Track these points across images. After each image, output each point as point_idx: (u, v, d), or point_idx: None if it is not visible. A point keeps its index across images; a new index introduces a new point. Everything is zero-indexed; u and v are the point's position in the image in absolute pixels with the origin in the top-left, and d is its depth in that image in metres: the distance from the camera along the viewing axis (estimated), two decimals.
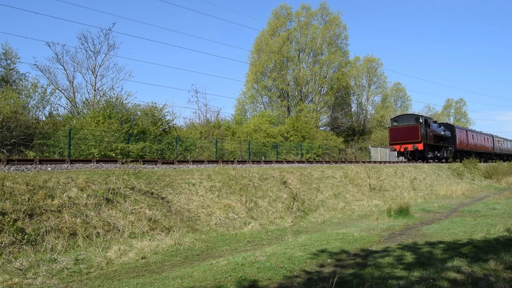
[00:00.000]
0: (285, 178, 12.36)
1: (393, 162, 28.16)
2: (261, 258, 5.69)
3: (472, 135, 37.08)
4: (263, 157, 22.11)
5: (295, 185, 12.30)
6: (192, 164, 12.10)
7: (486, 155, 41.07)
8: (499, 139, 46.20)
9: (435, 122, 31.33)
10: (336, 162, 21.61)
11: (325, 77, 39.08)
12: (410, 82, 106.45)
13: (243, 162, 14.69)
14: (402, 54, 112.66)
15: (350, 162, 21.36)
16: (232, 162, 14.31)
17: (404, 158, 28.56)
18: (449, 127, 33.75)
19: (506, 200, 13.90)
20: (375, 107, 49.28)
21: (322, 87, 39.18)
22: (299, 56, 39.54)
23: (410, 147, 26.56)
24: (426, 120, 27.85)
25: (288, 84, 38.64)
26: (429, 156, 28.09)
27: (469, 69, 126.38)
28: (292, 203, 10.57)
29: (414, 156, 27.85)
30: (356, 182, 15.06)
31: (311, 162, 19.76)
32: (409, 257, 5.75)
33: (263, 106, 39.88)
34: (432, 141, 27.98)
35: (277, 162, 18.07)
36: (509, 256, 5.40)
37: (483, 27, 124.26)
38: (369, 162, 23.69)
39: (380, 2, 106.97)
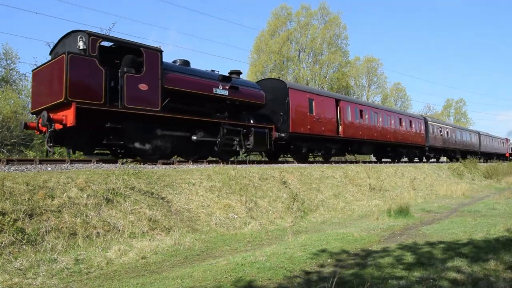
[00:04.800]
0: (285, 178, 12.35)
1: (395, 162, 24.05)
2: (261, 258, 5.69)
3: (360, 111, 20.72)
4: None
5: (295, 185, 12.29)
6: (192, 164, 12.09)
7: (408, 149, 26.27)
8: (441, 125, 31.28)
9: (228, 75, 13.97)
10: (336, 162, 21.60)
11: (325, 77, 39.12)
12: (410, 82, 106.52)
13: (243, 162, 14.68)
14: (402, 54, 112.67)
15: (351, 162, 21.34)
16: (232, 162, 14.29)
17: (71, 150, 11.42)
18: (276, 85, 16.50)
19: (506, 200, 13.90)
20: None
21: (322, 87, 39.18)
22: (299, 56, 39.57)
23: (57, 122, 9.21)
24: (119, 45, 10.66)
25: None
26: (137, 147, 10.75)
27: (469, 69, 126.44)
28: (292, 203, 10.56)
29: (85, 145, 10.75)
30: (356, 182, 15.06)
31: (311, 162, 19.75)
32: (409, 257, 5.75)
33: None
34: (161, 110, 10.90)
35: (277, 162, 18.03)
36: (509, 256, 5.39)
37: (483, 27, 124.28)
38: (370, 162, 23.55)
39: (380, 2, 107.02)
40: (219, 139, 13.01)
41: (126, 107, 10.14)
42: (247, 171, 11.48)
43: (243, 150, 14.09)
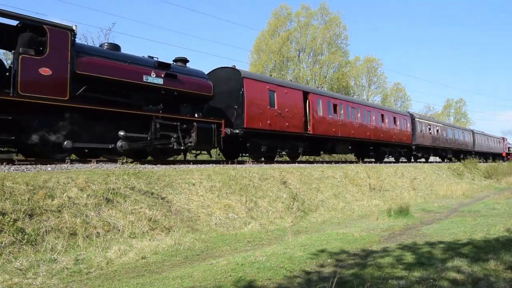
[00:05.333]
0: (285, 178, 12.36)
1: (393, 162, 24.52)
2: (261, 258, 5.69)
3: (334, 106, 18.61)
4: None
5: (295, 185, 12.30)
6: (192, 164, 12.09)
7: (392, 147, 23.83)
8: (430, 123, 28.41)
9: (166, 62, 11.69)
10: (336, 162, 21.60)
11: (325, 77, 39.13)
12: (410, 82, 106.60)
13: (243, 162, 14.68)
14: (402, 54, 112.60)
15: (351, 162, 21.33)
16: (233, 162, 14.30)
17: None
18: (230, 75, 14.73)
19: (506, 200, 13.91)
20: None
21: (322, 87, 39.21)
22: (299, 56, 39.59)
23: None
24: None
25: None
26: (38, 144, 9.08)
27: (469, 69, 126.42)
28: (292, 203, 10.57)
29: None
30: (356, 182, 15.07)
31: (311, 162, 19.76)
32: (409, 257, 5.76)
33: None
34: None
35: (277, 162, 18.05)
36: (509, 256, 5.40)
37: (483, 27, 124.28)
38: (369, 162, 23.50)
39: (380, 2, 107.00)
40: (150, 136, 10.97)
41: (20, 95, 8.33)
42: (247, 171, 11.48)
43: (183, 148, 11.94)
